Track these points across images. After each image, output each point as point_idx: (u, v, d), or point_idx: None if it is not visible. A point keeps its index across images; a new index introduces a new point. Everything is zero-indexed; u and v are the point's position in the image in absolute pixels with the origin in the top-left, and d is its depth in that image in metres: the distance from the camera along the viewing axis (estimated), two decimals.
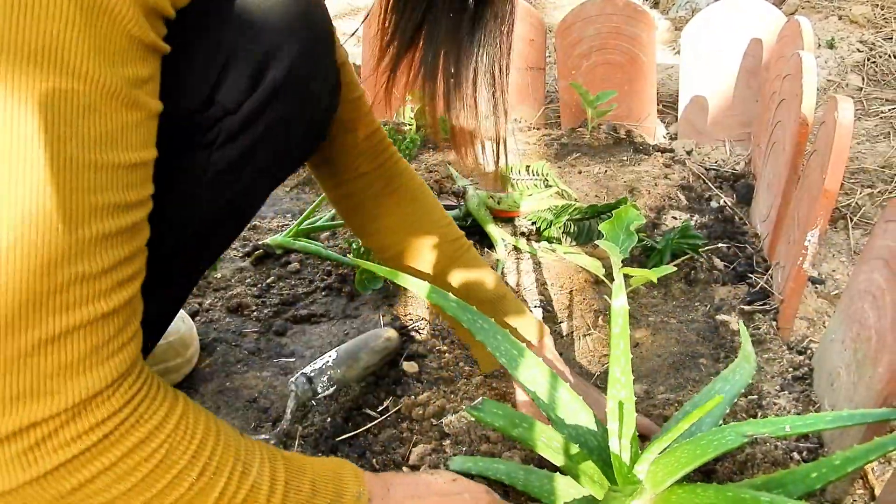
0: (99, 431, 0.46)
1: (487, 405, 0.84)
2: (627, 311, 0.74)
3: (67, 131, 0.42)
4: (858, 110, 2.11)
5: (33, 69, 0.40)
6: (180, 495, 0.51)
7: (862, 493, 0.87)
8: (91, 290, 0.45)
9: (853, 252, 1.47)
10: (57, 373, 0.44)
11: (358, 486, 0.66)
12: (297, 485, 0.60)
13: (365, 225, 0.97)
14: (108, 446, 0.47)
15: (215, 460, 0.54)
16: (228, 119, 0.63)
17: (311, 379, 0.99)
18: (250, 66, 0.62)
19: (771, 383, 1.06)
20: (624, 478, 0.73)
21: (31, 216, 0.41)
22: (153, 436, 0.50)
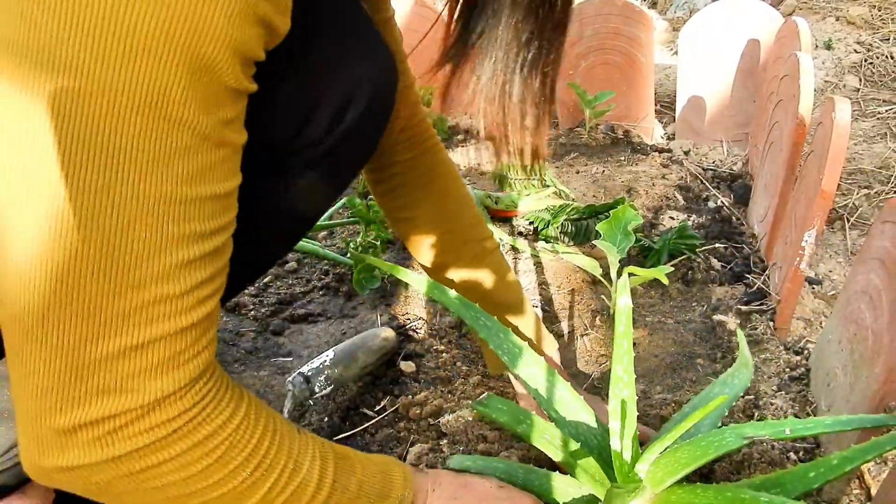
0: (168, 427, 0.51)
1: (492, 401, 0.84)
2: (631, 311, 0.74)
3: (165, 172, 0.47)
4: (856, 111, 2.12)
5: (140, 116, 0.45)
6: (233, 487, 0.56)
7: (858, 494, 0.87)
8: (173, 307, 0.50)
9: (850, 253, 1.48)
10: (137, 374, 0.49)
11: (404, 489, 0.70)
12: (344, 484, 0.64)
13: (395, 212, 0.98)
14: (175, 440, 0.52)
15: (269, 458, 0.58)
16: (310, 150, 0.70)
17: (308, 378, 0.99)
18: (333, 107, 0.69)
19: (768, 383, 1.06)
20: (625, 477, 0.73)
21: (126, 243, 0.47)
22: (216, 434, 0.54)
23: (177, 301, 0.50)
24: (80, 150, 0.44)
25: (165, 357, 0.50)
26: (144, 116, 0.45)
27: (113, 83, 0.44)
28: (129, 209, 0.46)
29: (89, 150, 0.44)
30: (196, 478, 0.54)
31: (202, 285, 0.52)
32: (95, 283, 0.47)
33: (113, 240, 0.46)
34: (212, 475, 0.54)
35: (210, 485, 0.55)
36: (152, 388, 0.50)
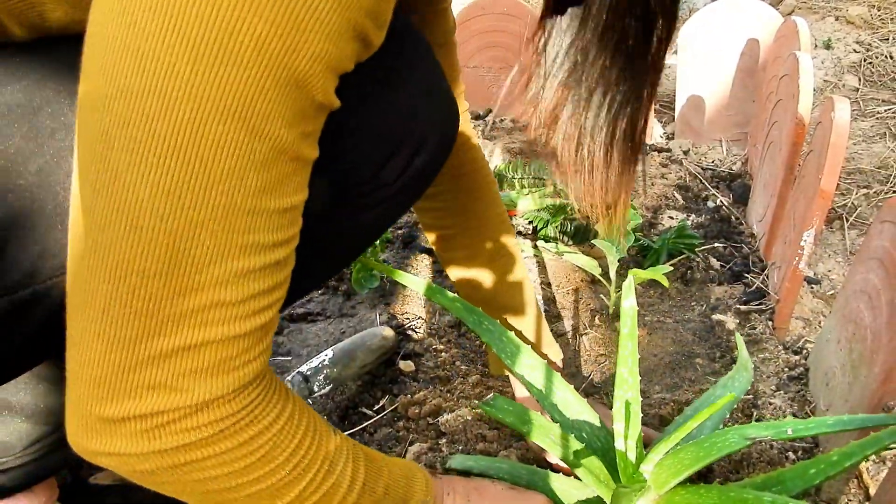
0: (216, 427, 0.52)
1: (498, 401, 0.84)
2: (636, 312, 0.74)
3: (238, 182, 0.47)
4: (855, 111, 2.12)
5: (222, 125, 0.45)
6: (272, 483, 0.57)
7: (857, 493, 0.87)
8: (229, 313, 0.50)
9: (849, 252, 1.48)
10: (189, 374, 0.50)
11: (425, 494, 0.72)
12: (372, 486, 0.66)
13: (426, 199, 0.99)
14: (222, 439, 0.53)
15: (308, 458, 0.59)
16: (384, 190, 0.72)
17: (307, 377, 0.99)
18: (409, 152, 0.72)
19: (766, 383, 1.06)
20: (629, 477, 0.73)
21: (191, 247, 0.47)
22: (261, 435, 0.55)
23: (233, 308, 0.50)
24: (157, 150, 0.44)
25: (217, 360, 0.51)
26: (227, 126, 0.45)
27: (200, 89, 0.44)
28: (198, 215, 0.46)
29: (167, 151, 0.45)
30: (238, 473, 0.55)
31: (260, 296, 0.52)
32: (157, 282, 0.47)
33: (179, 243, 0.47)
34: (253, 472, 0.56)
35: (250, 480, 0.56)
36: (202, 388, 0.51)
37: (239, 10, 0.42)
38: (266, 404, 0.56)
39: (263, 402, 0.56)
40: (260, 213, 0.49)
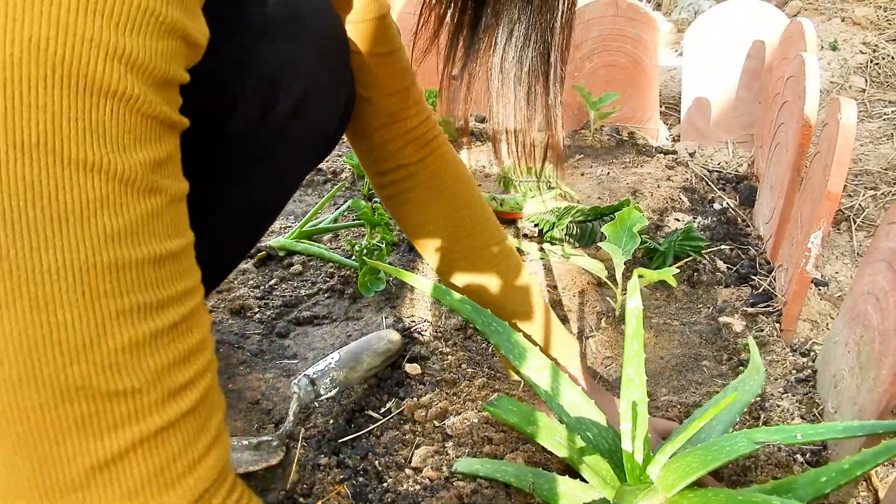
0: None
1: (503, 402, 0.84)
2: (642, 312, 0.74)
3: (79, 232, 0.37)
4: (861, 112, 2.11)
5: (28, 162, 0.35)
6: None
7: (866, 496, 0.87)
8: (138, 404, 0.39)
9: (856, 254, 1.47)
10: (120, 501, 0.39)
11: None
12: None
13: (403, 217, 0.94)
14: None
15: None
16: (245, 145, 0.64)
17: (313, 381, 0.99)
18: (259, 99, 0.62)
19: (774, 385, 1.06)
20: (636, 479, 0.73)
21: (43, 336, 0.37)
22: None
23: (138, 397, 0.39)
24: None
25: (149, 473, 0.40)
26: (34, 162, 0.35)
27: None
28: (45, 287, 0.36)
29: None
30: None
31: (170, 371, 0.41)
32: (28, 392, 0.37)
33: (33, 333, 0.36)
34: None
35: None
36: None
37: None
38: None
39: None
40: (125, 267, 0.39)
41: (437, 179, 0.91)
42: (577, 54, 2.04)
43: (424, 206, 0.92)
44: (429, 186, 0.91)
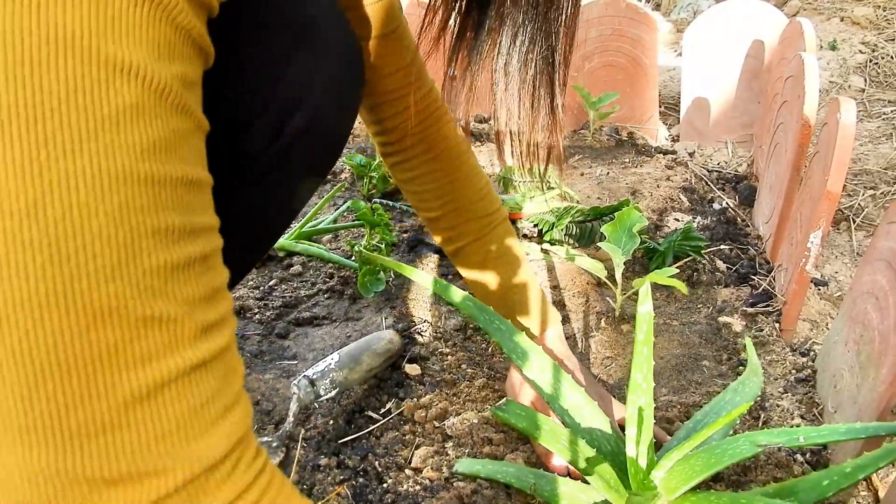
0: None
1: (511, 406, 0.84)
2: (652, 318, 0.74)
3: (115, 138, 0.34)
4: (861, 112, 2.11)
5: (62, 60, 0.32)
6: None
7: (866, 496, 0.87)
8: (173, 334, 0.36)
9: (856, 254, 1.47)
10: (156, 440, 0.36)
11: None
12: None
13: (406, 184, 0.99)
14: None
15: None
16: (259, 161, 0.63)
17: (313, 381, 0.99)
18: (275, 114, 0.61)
19: (774, 385, 1.06)
20: (640, 484, 0.73)
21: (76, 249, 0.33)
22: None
23: (174, 325, 0.37)
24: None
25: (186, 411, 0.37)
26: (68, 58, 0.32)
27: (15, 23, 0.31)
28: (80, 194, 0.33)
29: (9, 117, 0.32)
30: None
31: (201, 305, 0.39)
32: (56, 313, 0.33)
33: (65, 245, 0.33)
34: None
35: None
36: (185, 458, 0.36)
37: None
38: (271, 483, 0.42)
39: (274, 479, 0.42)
40: (162, 183, 0.36)
41: (435, 150, 0.95)
42: (577, 54, 2.04)
43: (423, 177, 0.96)
44: (427, 158, 0.94)
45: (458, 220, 0.97)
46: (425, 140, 0.94)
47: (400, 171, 0.98)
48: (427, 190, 0.96)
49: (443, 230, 0.99)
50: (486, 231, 0.98)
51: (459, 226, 0.97)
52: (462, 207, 0.97)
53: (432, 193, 0.96)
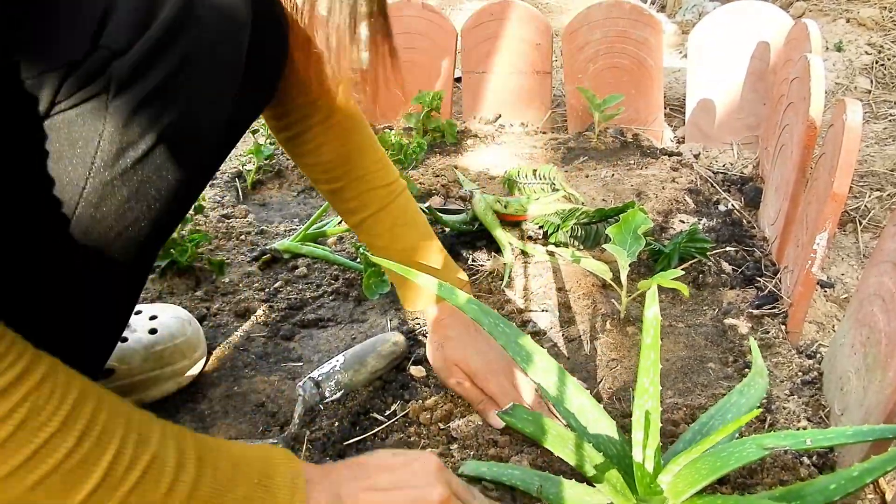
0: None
1: (518, 410, 0.84)
2: (660, 322, 0.74)
3: None
4: (867, 113, 2.11)
5: None
6: (56, 463, 0.46)
7: (873, 499, 0.86)
8: None
9: (862, 255, 1.46)
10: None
11: (292, 465, 0.62)
12: (213, 461, 0.54)
13: (302, 156, 0.98)
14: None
15: (98, 426, 0.48)
16: (116, 63, 0.53)
17: (318, 383, 0.99)
18: (139, 7, 0.54)
19: (780, 387, 1.05)
20: (646, 488, 0.73)
21: None
22: (6, 394, 0.44)
23: None
24: None
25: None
26: None
27: None
28: None
29: None
30: (3, 455, 0.44)
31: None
32: None
33: None
34: (20, 448, 0.45)
35: (20, 465, 0.45)
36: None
37: None
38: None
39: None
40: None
41: (331, 120, 0.95)
42: (581, 56, 2.04)
43: (318, 149, 0.96)
44: (323, 127, 0.95)
45: (362, 188, 0.98)
46: (321, 109, 0.93)
47: (296, 146, 0.97)
48: (329, 160, 0.96)
49: (346, 200, 0.99)
50: (391, 199, 0.99)
51: (363, 195, 0.98)
52: (364, 176, 0.97)
53: (334, 163, 0.96)
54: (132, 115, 0.55)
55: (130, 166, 0.57)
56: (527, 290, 1.33)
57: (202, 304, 1.28)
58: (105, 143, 0.55)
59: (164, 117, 0.57)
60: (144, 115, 0.56)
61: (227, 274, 1.37)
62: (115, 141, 0.55)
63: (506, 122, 2.16)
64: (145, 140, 0.57)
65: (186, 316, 1.11)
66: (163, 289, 1.30)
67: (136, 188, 0.58)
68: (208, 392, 1.06)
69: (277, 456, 0.62)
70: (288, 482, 0.59)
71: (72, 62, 0.51)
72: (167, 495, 0.51)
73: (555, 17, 3.30)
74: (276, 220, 1.65)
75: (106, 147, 0.55)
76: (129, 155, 0.56)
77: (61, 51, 0.51)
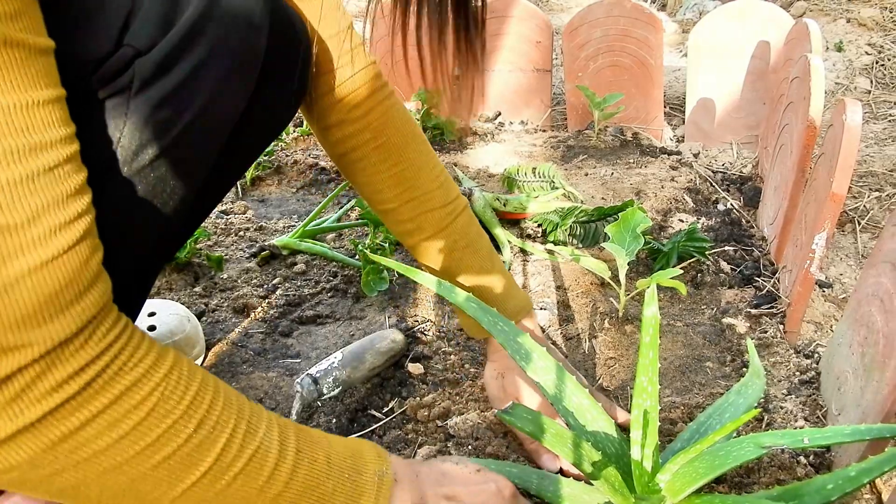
0: (80, 380, 0.46)
1: (518, 409, 0.84)
2: (658, 321, 0.74)
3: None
4: (867, 113, 2.11)
5: None
6: (177, 447, 0.50)
7: (869, 498, 0.86)
8: (21, 240, 0.43)
9: (861, 256, 1.47)
10: (16, 324, 0.43)
11: (380, 464, 0.64)
12: (310, 454, 0.58)
13: (354, 176, 0.92)
14: (93, 394, 0.47)
15: (214, 414, 0.52)
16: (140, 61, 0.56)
17: (316, 380, 0.99)
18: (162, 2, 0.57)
19: (778, 387, 1.06)
20: (644, 487, 0.73)
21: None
22: (141, 383, 0.49)
23: (20, 233, 0.43)
24: None
25: (42, 296, 0.44)
26: None
27: None
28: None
29: None
30: (130, 438, 0.48)
31: (47, 211, 0.45)
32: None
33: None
34: (147, 433, 0.49)
35: (147, 447, 0.49)
36: (41, 335, 0.44)
37: None
38: (135, 349, 0.50)
39: (129, 346, 0.49)
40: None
41: (382, 137, 0.88)
42: (582, 54, 2.04)
43: (372, 167, 0.90)
44: (374, 146, 0.88)
45: (417, 210, 0.91)
46: (369, 127, 0.87)
47: (345, 164, 0.91)
48: (379, 180, 0.90)
49: (400, 223, 0.92)
50: (449, 221, 0.92)
51: (418, 217, 0.91)
52: (419, 197, 0.91)
53: (385, 183, 0.90)
54: (152, 113, 0.57)
55: (147, 164, 0.59)
56: (525, 289, 1.33)
57: (201, 300, 1.28)
58: (125, 140, 0.57)
59: (183, 117, 0.60)
60: (164, 113, 0.58)
61: (225, 270, 1.37)
62: (134, 139, 0.58)
63: (505, 120, 2.16)
64: (163, 139, 0.59)
65: (185, 312, 1.11)
66: (161, 284, 1.30)
67: (153, 185, 0.61)
68: None
69: (368, 453, 0.64)
70: (375, 480, 0.62)
71: (97, 59, 0.55)
72: (267, 482, 0.54)
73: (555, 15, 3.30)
74: (275, 216, 1.64)
75: (126, 145, 0.58)
76: (146, 153, 0.59)
77: (87, 48, 0.54)
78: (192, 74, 0.59)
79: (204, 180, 0.68)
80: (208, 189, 0.74)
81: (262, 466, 0.54)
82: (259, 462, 0.54)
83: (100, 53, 0.55)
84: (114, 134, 0.57)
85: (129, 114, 0.57)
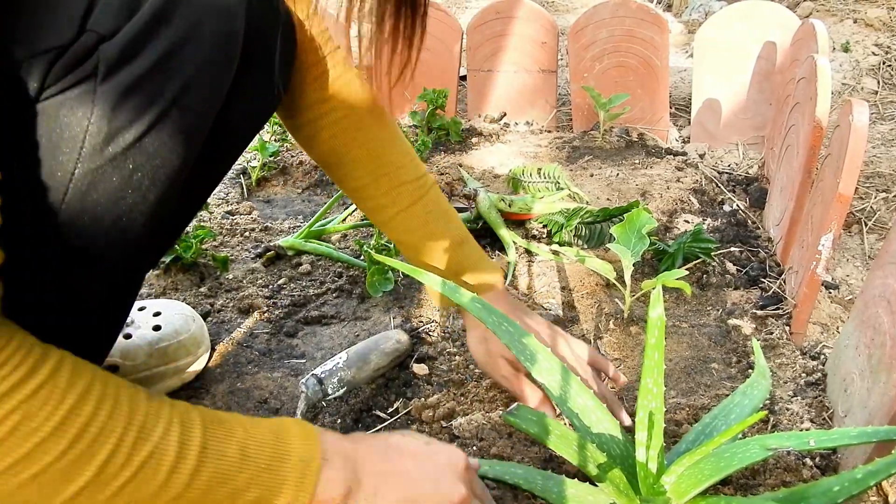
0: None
1: (522, 411, 0.84)
2: (664, 322, 0.73)
3: None
4: (874, 114, 2.10)
5: None
6: (47, 464, 0.48)
7: (876, 500, 0.86)
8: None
9: (868, 257, 1.46)
10: None
11: (307, 449, 0.59)
12: (218, 449, 0.54)
13: (323, 156, 0.93)
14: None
15: (96, 425, 0.50)
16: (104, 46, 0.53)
17: (321, 380, 0.99)
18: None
19: (784, 388, 1.05)
20: (649, 488, 0.73)
21: None
22: (1, 402, 0.46)
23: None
24: None
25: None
26: None
27: None
28: None
29: None
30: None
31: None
32: None
33: None
34: (12, 451, 0.46)
35: (10, 467, 0.46)
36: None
37: None
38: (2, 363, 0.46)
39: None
40: None
41: (350, 119, 0.90)
42: (587, 55, 2.04)
43: (341, 147, 0.91)
44: (343, 127, 0.90)
45: (390, 184, 0.93)
46: (338, 107, 0.89)
47: (316, 145, 0.92)
48: (352, 159, 0.92)
49: (373, 197, 0.94)
50: (422, 193, 0.95)
51: (392, 191, 0.93)
52: (392, 172, 0.93)
53: (358, 161, 0.92)
54: (121, 100, 0.55)
55: (121, 153, 0.56)
56: (530, 289, 1.33)
57: (206, 300, 1.28)
58: (94, 128, 0.54)
59: (155, 103, 0.57)
60: (134, 100, 0.55)
61: (231, 270, 1.38)
62: (103, 126, 0.55)
63: (511, 121, 2.16)
64: (135, 126, 0.56)
65: (190, 312, 1.11)
66: (167, 285, 1.30)
67: (129, 176, 0.58)
68: (212, 388, 1.06)
69: (295, 437, 0.60)
70: (299, 467, 0.58)
71: (59, 47, 0.52)
72: (163, 486, 0.52)
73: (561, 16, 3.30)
74: (281, 216, 1.65)
75: (94, 132, 0.55)
76: (118, 141, 0.56)
77: (49, 35, 0.51)
78: (164, 59, 0.56)
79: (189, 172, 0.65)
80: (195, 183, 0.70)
81: (156, 471, 0.51)
82: (153, 467, 0.51)
83: (62, 40, 0.52)
84: (81, 122, 0.54)
85: (96, 101, 0.54)
